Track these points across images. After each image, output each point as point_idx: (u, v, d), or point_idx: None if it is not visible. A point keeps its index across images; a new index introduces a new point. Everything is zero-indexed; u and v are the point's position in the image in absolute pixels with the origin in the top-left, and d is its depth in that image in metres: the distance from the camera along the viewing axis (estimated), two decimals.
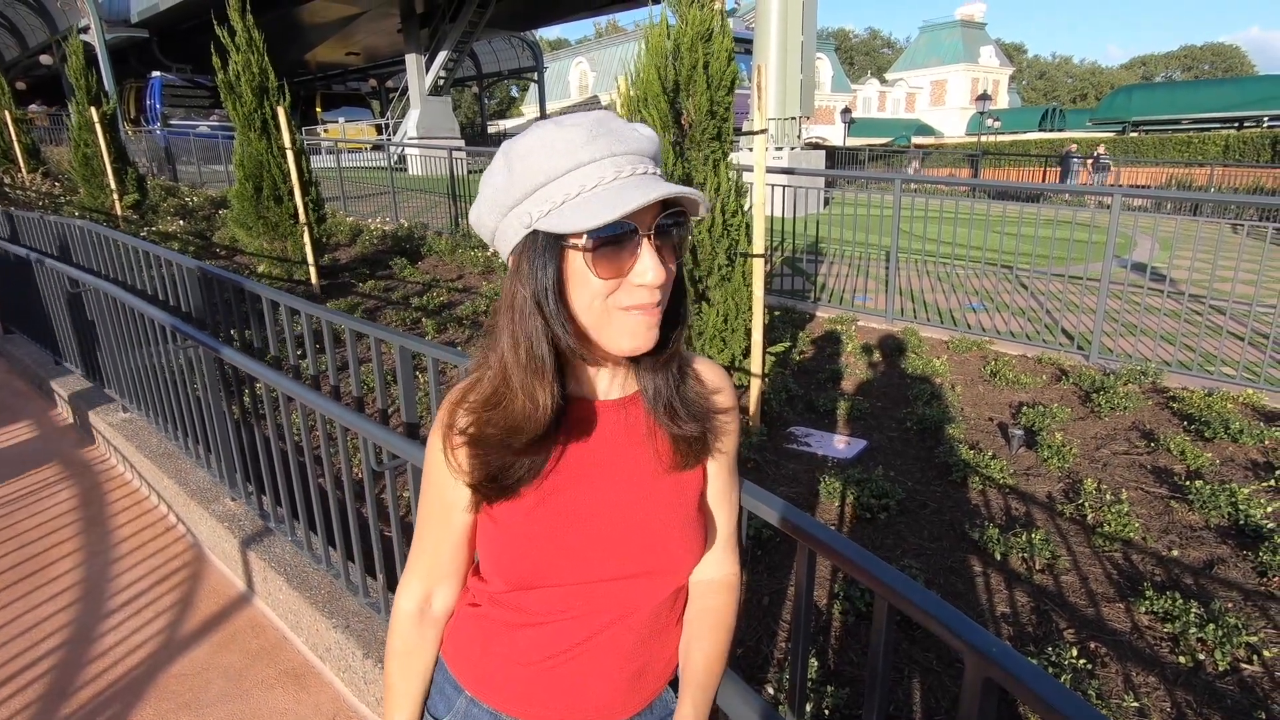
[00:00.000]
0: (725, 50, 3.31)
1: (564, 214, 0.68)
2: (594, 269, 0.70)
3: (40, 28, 23.42)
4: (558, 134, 0.69)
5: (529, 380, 0.74)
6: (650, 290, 0.71)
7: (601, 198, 0.68)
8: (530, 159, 0.69)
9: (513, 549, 0.81)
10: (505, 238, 0.74)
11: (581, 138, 0.68)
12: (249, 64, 6.74)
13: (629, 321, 0.72)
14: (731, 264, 3.56)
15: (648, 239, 0.70)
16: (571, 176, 0.68)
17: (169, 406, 3.19)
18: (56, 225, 4.61)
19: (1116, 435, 3.74)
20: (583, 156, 0.68)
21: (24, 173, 12.83)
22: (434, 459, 0.83)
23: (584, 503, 0.81)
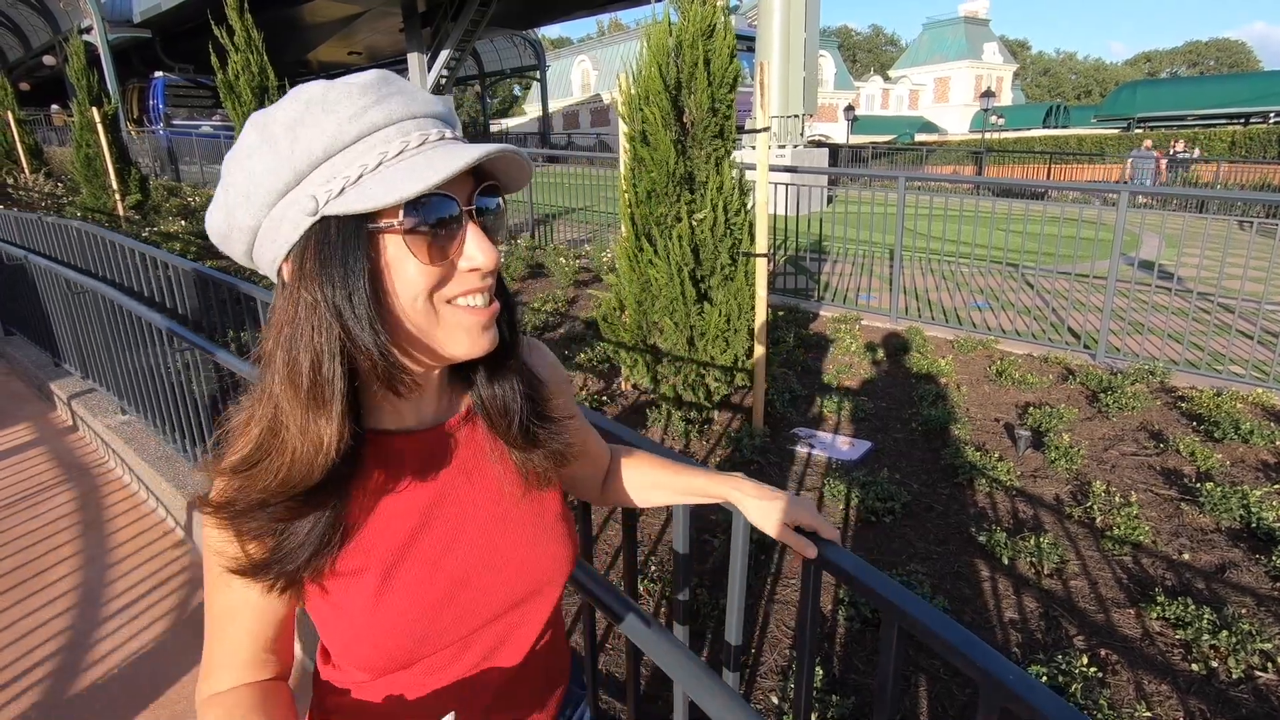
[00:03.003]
0: (727, 47, 3.27)
1: (366, 189, 0.54)
2: (418, 253, 0.56)
3: (43, 28, 23.47)
4: (336, 94, 0.55)
5: (309, 415, 0.58)
6: (482, 275, 0.60)
7: (415, 163, 0.55)
8: (304, 129, 0.54)
9: (371, 638, 0.66)
10: (275, 237, 0.57)
11: (368, 98, 0.55)
12: (248, 64, 6.71)
13: (463, 320, 0.60)
14: (734, 263, 3.52)
15: (470, 215, 0.59)
16: (365, 143, 0.55)
17: (167, 409, 3.16)
18: (55, 227, 4.59)
19: (1125, 436, 3.70)
20: (375, 119, 0.55)
21: (27, 173, 12.85)
22: (209, 547, 0.64)
23: (443, 557, 0.68)
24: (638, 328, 3.65)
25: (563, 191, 10.54)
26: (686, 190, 3.44)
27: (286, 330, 0.57)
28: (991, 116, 30.88)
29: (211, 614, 0.68)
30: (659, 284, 3.45)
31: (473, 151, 0.55)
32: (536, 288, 6.81)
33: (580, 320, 5.65)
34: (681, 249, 3.39)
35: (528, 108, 51.02)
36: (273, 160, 0.54)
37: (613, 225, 9.02)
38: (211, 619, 0.68)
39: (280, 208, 0.56)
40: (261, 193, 0.55)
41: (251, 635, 0.67)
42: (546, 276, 7.20)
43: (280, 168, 0.54)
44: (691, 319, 3.48)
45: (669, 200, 3.42)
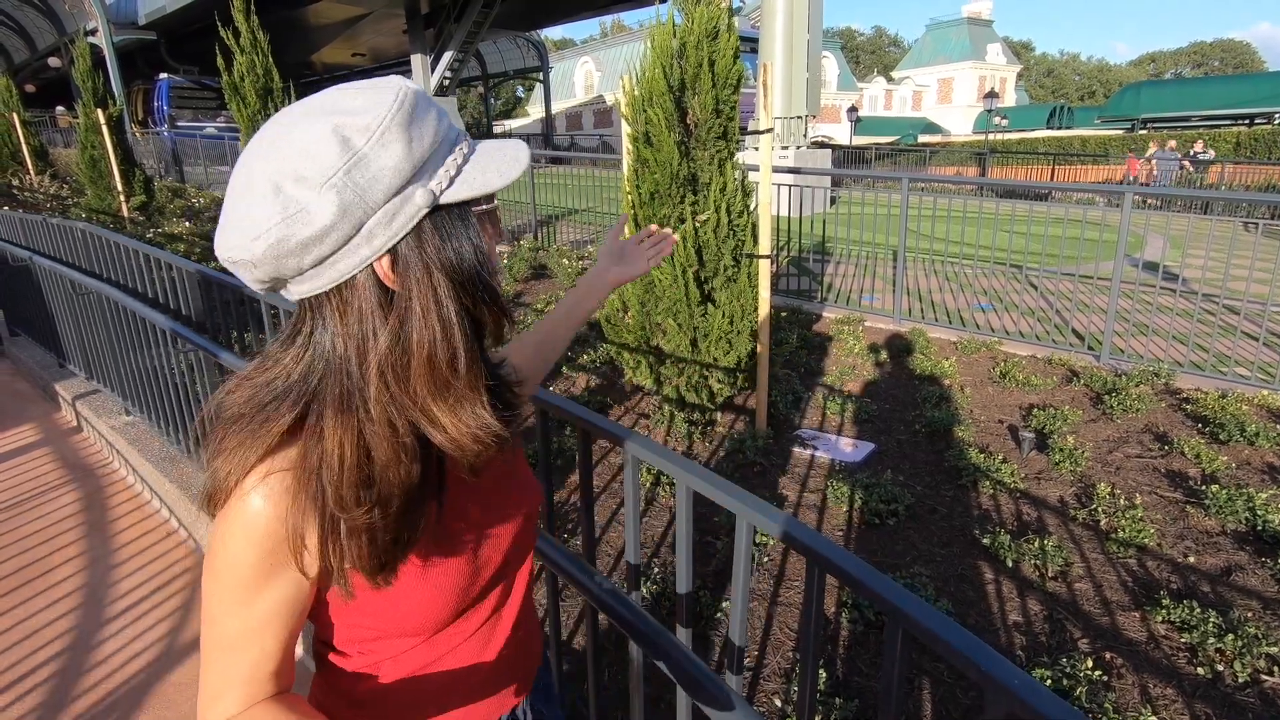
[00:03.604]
0: (731, 48, 3.27)
1: (468, 178, 0.61)
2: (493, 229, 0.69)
3: (48, 30, 23.58)
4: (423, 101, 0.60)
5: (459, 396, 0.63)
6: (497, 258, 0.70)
7: (483, 162, 0.62)
8: (418, 124, 0.58)
9: (421, 599, 0.69)
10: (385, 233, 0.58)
11: (436, 107, 0.62)
12: (253, 66, 6.73)
13: None
14: (737, 265, 3.52)
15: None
16: (452, 132, 0.62)
17: (171, 410, 3.17)
18: (60, 228, 4.60)
19: (1129, 438, 3.68)
20: (451, 121, 0.63)
21: (32, 175, 12.91)
22: (240, 560, 0.61)
23: (471, 519, 0.75)
24: (641, 329, 3.65)
25: (566, 192, 10.55)
26: (690, 191, 3.44)
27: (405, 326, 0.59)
28: (995, 117, 30.84)
29: (225, 631, 0.64)
30: (662, 285, 3.45)
31: (524, 151, 0.64)
32: (539, 289, 6.81)
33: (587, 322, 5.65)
34: (685, 250, 3.39)
35: (531, 109, 51.09)
36: (398, 154, 0.56)
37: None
38: (225, 636, 0.64)
39: (395, 203, 0.57)
40: (380, 189, 0.56)
41: (284, 643, 0.66)
42: (549, 278, 7.20)
43: (403, 163, 0.56)
44: (695, 320, 3.48)
45: (672, 201, 3.42)
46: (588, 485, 1.41)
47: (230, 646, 0.64)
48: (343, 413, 0.60)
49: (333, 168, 0.55)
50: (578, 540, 2.66)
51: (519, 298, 6.51)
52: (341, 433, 0.60)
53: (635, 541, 1.24)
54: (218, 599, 0.63)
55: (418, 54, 21.53)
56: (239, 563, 0.61)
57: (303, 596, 0.65)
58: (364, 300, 0.59)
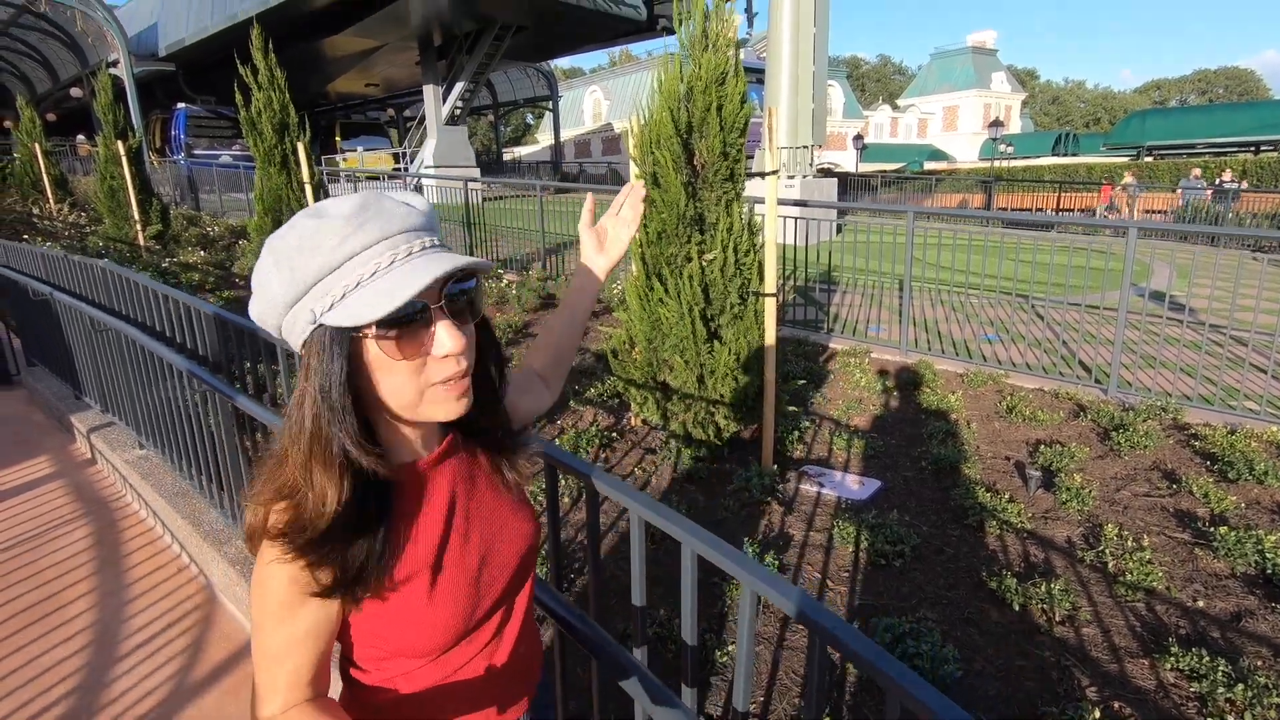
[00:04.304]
0: (738, 93, 3.34)
1: (348, 306, 0.67)
2: (394, 354, 0.70)
3: (71, 61, 24.13)
4: (321, 226, 0.68)
5: (312, 470, 0.71)
6: (456, 360, 0.72)
7: (384, 284, 0.67)
8: (300, 256, 0.67)
9: (428, 623, 0.80)
10: (293, 333, 0.72)
11: (348, 227, 0.67)
12: (270, 101, 6.91)
13: (440, 393, 0.73)
14: (744, 302, 3.56)
15: (440, 310, 0.71)
16: (348, 267, 0.67)
17: (184, 444, 3.22)
18: (80, 265, 4.70)
19: (1137, 475, 3.68)
20: (354, 245, 0.67)
21: (51, 203, 13.16)
22: (271, 587, 0.74)
23: (467, 550, 0.84)
24: (648, 365, 3.68)
25: (574, 220, 10.68)
26: (697, 231, 3.50)
27: (298, 406, 0.72)
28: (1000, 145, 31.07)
29: (268, 646, 0.75)
30: (669, 323, 3.49)
31: (434, 270, 0.67)
32: (548, 318, 6.87)
33: (591, 353, 5.70)
34: (692, 289, 3.44)
35: (540, 136, 51.78)
36: (281, 280, 0.69)
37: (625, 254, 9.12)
38: (269, 650, 0.76)
39: (291, 315, 0.70)
40: (279, 303, 0.70)
41: (318, 656, 0.77)
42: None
43: (287, 288, 0.69)
44: (701, 357, 3.52)
45: (679, 241, 3.48)
46: (594, 538, 1.44)
47: (273, 658, 0.76)
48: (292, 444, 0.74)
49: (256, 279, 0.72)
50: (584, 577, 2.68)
51: (528, 328, 6.57)
52: (291, 469, 0.73)
53: (641, 601, 1.27)
54: (261, 618, 0.76)
55: (430, 84, 21.91)
56: (273, 590, 0.74)
57: (330, 618, 0.77)
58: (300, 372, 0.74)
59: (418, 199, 0.76)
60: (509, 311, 7.03)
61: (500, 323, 6.50)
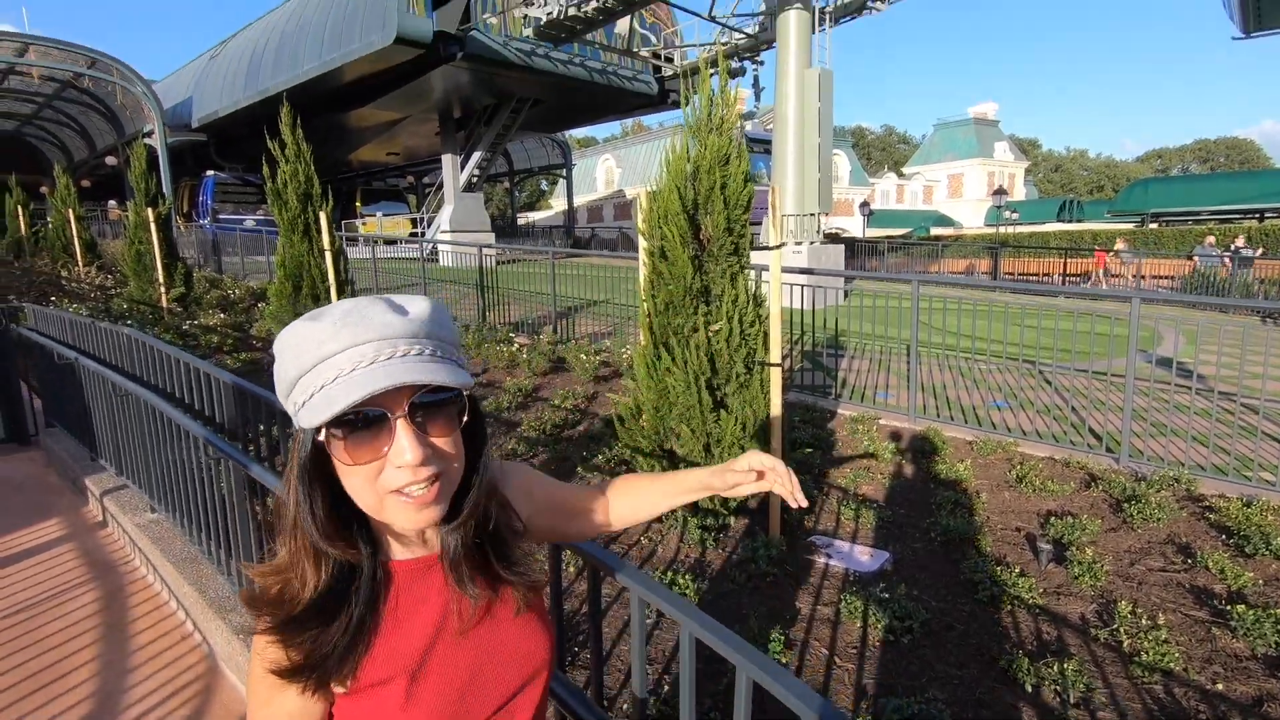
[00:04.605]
0: (742, 173, 3.49)
1: (312, 406, 0.70)
2: (344, 457, 0.71)
3: (108, 131, 25.32)
4: (306, 328, 0.71)
5: (300, 558, 0.75)
6: (413, 470, 0.71)
7: (339, 389, 0.68)
8: (287, 354, 0.72)
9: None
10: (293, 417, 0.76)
11: (327, 331, 0.70)
12: (296, 173, 7.22)
13: (399, 502, 0.73)
14: (750, 372, 3.62)
15: (404, 419, 0.70)
16: (320, 369, 0.70)
17: (195, 508, 3.25)
18: (107, 332, 4.85)
19: (1151, 549, 3.62)
20: (329, 349, 0.70)
21: (80, 266, 13.59)
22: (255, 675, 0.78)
23: (454, 662, 0.82)
24: (655, 433, 3.72)
25: (585, 284, 10.89)
26: (703, 303, 3.59)
27: (285, 488, 0.77)
28: (1005, 211, 31.58)
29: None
30: (676, 392, 3.55)
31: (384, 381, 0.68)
32: (557, 383, 6.95)
33: (599, 418, 5.74)
34: (698, 359, 3.51)
35: (554, 201, 53.21)
36: (280, 374, 0.74)
37: (633, 318, 9.25)
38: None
39: (287, 402, 0.75)
40: (280, 392, 0.75)
41: None
42: (568, 371, 7.35)
43: (282, 381, 0.74)
44: (708, 426, 3.55)
45: (686, 312, 3.56)
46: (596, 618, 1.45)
47: None
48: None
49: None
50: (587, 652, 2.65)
51: (537, 391, 6.64)
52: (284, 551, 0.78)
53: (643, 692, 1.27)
54: (249, 695, 0.80)
55: (449, 153, 22.75)
56: (256, 671, 0.77)
57: (309, 711, 0.78)
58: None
59: (417, 304, 0.75)
60: (519, 375, 7.11)
61: (510, 386, 6.58)
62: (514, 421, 5.73)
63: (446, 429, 0.74)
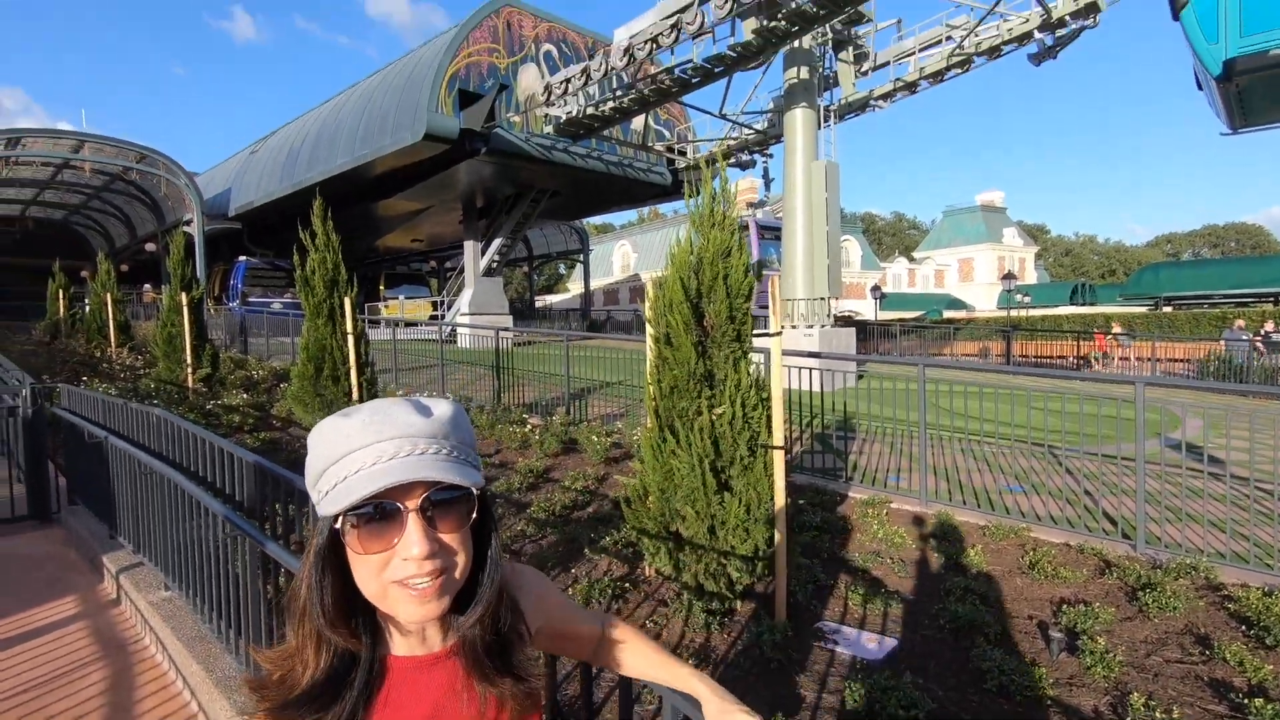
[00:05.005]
0: (742, 264, 3.69)
1: (334, 495, 0.76)
2: (356, 545, 0.76)
3: (150, 219, 26.68)
4: (337, 424, 0.78)
5: (306, 643, 0.79)
6: (418, 563, 0.75)
7: (359, 481, 0.74)
8: (319, 447, 0.79)
9: None
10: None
11: (355, 427, 0.77)
12: (324, 260, 7.59)
13: (403, 595, 0.77)
14: (753, 454, 3.69)
15: (416, 514, 0.75)
16: (345, 461, 0.76)
17: (208, 587, 3.32)
18: (137, 412, 5.05)
19: (1168, 640, 3.54)
20: (354, 443, 0.76)
21: (113, 347, 14.07)
22: None
23: None
24: (661, 514, 3.77)
25: (598, 366, 11.09)
26: (706, 387, 3.71)
27: (300, 574, 0.82)
28: (1017, 295, 31.90)
29: None
30: (680, 473, 3.62)
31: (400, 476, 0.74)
32: (569, 464, 7.01)
33: (609, 499, 5.77)
34: (702, 441, 3.60)
35: (571, 285, 54.54)
36: (310, 463, 0.81)
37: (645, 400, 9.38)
38: None
39: (313, 490, 0.81)
40: (308, 481, 0.82)
41: None
42: (580, 452, 7.42)
43: (310, 473, 0.80)
44: (712, 508, 3.60)
45: (690, 396, 3.68)
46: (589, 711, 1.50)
47: None
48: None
49: None
50: None
51: (548, 473, 6.70)
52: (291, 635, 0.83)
53: None
54: None
55: (470, 240, 23.65)
56: None
57: None
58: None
59: (440, 406, 0.81)
60: (531, 456, 7.19)
61: (521, 467, 6.65)
62: (524, 502, 5.77)
63: (455, 526, 0.79)
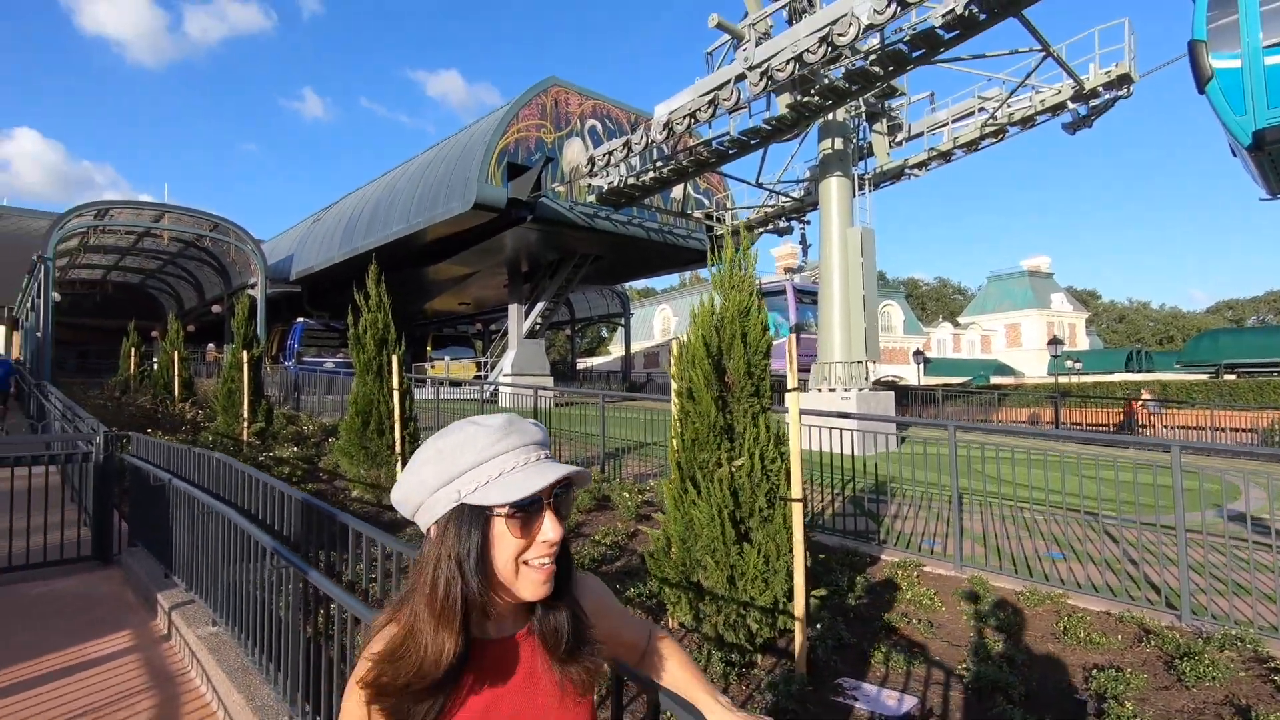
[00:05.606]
0: (760, 323, 3.88)
1: (489, 491, 0.91)
2: (515, 532, 0.92)
3: (217, 283, 28.42)
4: (480, 431, 0.94)
5: (439, 629, 0.91)
6: (550, 545, 0.94)
7: (518, 478, 0.92)
8: (462, 450, 0.93)
9: None
10: (431, 511, 0.94)
11: (498, 434, 0.94)
12: (375, 320, 8.06)
13: (534, 574, 0.94)
14: (771, 506, 3.79)
15: (549, 506, 0.95)
16: (493, 463, 0.93)
17: (252, 622, 3.52)
18: (200, 457, 5.41)
19: (1204, 710, 3.43)
20: (501, 447, 0.93)
21: (176, 402, 14.88)
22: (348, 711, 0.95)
23: None
24: (682, 564, 3.86)
25: (635, 426, 11.25)
26: (727, 440, 3.86)
27: (429, 570, 0.93)
28: (1067, 361, 31.12)
29: None
30: (700, 523, 3.73)
31: (555, 473, 0.93)
32: (600, 520, 7.11)
33: (637, 554, 5.84)
34: (721, 492, 3.72)
35: (613, 348, 55.34)
36: (438, 467, 0.94)
37: None
38: None
39: (439, 494, 0.94)
40: (428, 486, 0.95)
41: None
42: (611, 509, 7.52)
43: (443, 472, 0.94)
44: (731, 558, 3.69)
45: (711, 448, 3.83)
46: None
47: None
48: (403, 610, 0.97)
49: (411, 466, 0.98)
50: None
51: (580, 528, 6.81)
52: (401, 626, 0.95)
53: None
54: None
55: (514, 303, 24.46)
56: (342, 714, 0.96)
57: None
58: (426, 546, 0.98)
59: (539, 426, 1.00)
60: None
61: None
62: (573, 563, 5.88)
63: (564, 516, 0.98)
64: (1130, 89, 13.77)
